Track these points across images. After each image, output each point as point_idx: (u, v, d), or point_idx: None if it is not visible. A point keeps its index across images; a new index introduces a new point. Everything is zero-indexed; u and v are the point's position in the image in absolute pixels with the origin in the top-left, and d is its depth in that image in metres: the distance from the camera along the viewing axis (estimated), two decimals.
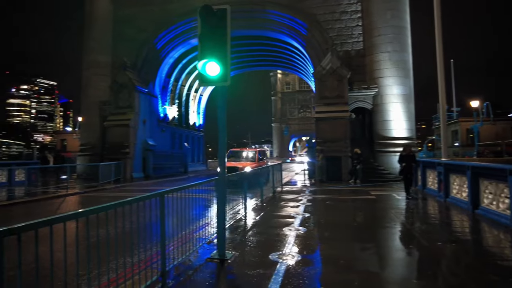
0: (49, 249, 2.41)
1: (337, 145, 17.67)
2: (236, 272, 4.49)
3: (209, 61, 4.45)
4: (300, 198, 11.34)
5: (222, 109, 4.82)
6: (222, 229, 4.95)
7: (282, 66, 34.23)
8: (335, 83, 18.54)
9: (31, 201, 11.86)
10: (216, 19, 4.52)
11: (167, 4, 23.90)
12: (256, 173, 11.35)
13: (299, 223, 7.29)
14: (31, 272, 2.32)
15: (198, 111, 34.91)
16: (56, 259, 2.51)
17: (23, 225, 2.11)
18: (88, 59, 24.79)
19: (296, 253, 5.14)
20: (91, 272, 2.77)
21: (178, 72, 28.58)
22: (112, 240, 3.08)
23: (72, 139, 41.34)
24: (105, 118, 22.94)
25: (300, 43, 22.39)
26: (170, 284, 3.93)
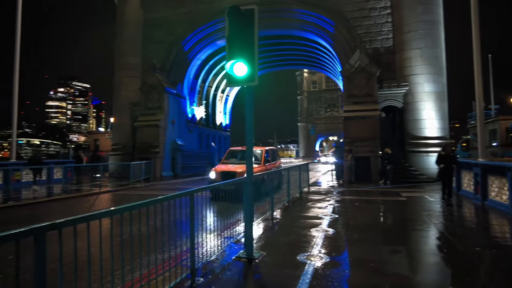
0: (84, 244, 2.51)
1: (366, 145, 17.25)
2: (264, 272, 4.48)
3: (237, 62, 4.48)
4: (327, 199, 11.18)
5: (250, 109, 4.84)
6: (249, 228, 4.97)
7: (308, 65, 33.90)
8: (363, 81, 18.11)
9: (67, 198, 12.47)
10: (244, 20, 4.54)
11: (196, 6, 24.32)
12: (262, 179, 9.75)
13: (327, 224, 7.18)
14: (69, 266, 2.43)
15: (225, 111, 35.29)
16: (91, 254, 2.62)
17: (63, 220, 2.22)
18: (120, 62, 25.73)
19: (324, 255, 5.06)
20: (124, 267, 2.87)
21: (205, 73, 29.04)
22: (144, 237, 3.17)
23: (104, 139, 43.09)
24: (136, 118, 23.72)
25: (327, 41, 22.06)
26: (199, 282, 3.99)
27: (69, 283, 2.46)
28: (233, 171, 11.09)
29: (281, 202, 9.26)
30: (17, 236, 1.92)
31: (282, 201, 9.44)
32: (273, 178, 9.69)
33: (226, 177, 9.37)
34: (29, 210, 10.09)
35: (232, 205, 5.67)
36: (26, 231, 1.97)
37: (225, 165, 12.42)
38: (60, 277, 2.24)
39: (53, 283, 2.20)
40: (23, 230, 1.95)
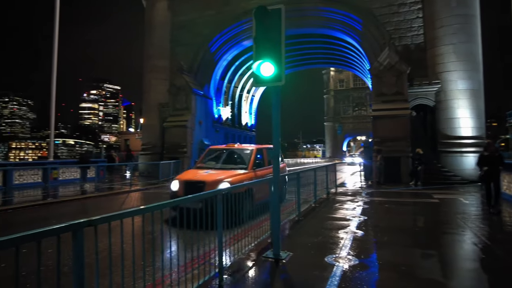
0: (117, 240, 2.61)
1: (396, 145, 16.72)
2: (291, 272, 4.46)
3: (264, 62, 4.48)
4: (356, 200, 10.95)
5: (276, 108, 4.83)
6: (276, 228, 4.96)
7: (335, 63, 33.40)
8: (393, 79, 17.58)
9: (100, 196, 13.00)
10: (271, 19, 4.54)
11: (222, 8, 24.59)
12: (247, 193, 6.79)
13: (356, 226, 7.03)
14: (103, 260, 2.53)
15: (250, 112, 35.46)
16: (123, 250, 2.71)
17: (98, 217, 2.32)
18: (148, 64, 26.49)
19: (353, 257, 4.96)
20: (154, 263, 2.95)
21: (231, 74, 29.32)
22: (176, 235, 3.24)
23: (134, 139, 44.52)
24: (164, 119, 24.36)
25: (354, 39, 21.63)
26: (227, 280, 4.03)
27: (104, 277, 2.56)
28: (202, 181, 7.57)
29: (307, 203, 9.18)
30: (57, 231, 2.03)
31: (308, 202, 9.35)
32: (264, 189, 6.58)
33: (191, 189, 6.68)
34: (65, 207, 10.60)
35: (260, 205, 5.67)
36: (66, 226, 2.08)
37: (194, 171, 8.89)
38: (96, 271, 2.34)
39: (89, 276, 2.30)
40: (63, 226, 2.06)
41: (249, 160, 8.87)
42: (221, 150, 9.98)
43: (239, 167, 8.65)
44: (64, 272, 2.58)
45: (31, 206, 10.54)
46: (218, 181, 7.42)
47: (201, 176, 8.00)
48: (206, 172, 8.33)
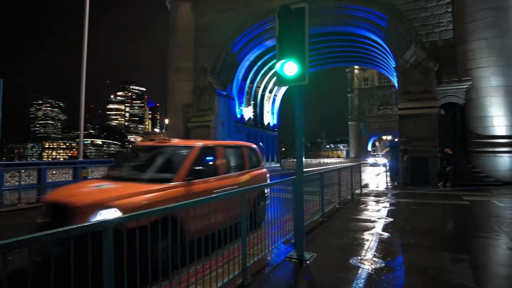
0: None
1: (424, 145, 16.18)
2: (315, 274, 4.41)
3: (287, 61, 4.46)
4: (381, 201, 10.69)
5: (300, 108, 4.80)
6: (300, 229, 4.93)
7: (359, 61, 32.80)
8: (420, 77, 17.02)
9: None
10: (294, 19, 4.51)
11: (244, 8, 24.72)
12: (159, 224, 2.82)
13: (382, 228, 6.86)
14: None
15: (272, 111, 35.43)
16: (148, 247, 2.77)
17: (127, 216, 2.40)
18: (173, 66, 27.05)
19: (379, 259, 4.85)
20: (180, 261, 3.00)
21: (254, 74, 29.42)
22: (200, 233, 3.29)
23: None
24: (189, 120, 24.81)
25: (379, 36, 21.13)
26: (250, 280, 4.04)
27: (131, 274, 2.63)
28: (67, 204, 4.27)
29: (331, 204, 9.05)
30: (88, 228, 2.12)
31: (332, 203, 9.22)
32: (219, 211, 4.06)
33: (58, 217, 4.26)
34: None
35: (282, 205, 5.64)
36: (96, 224, 2.16)
37: (83, 185, 5.85)
38: (125, 266, 2.42)
39: None
40: (93, 223, 2.15)
41: (181, 166, 5.19)
42: (146, 149, 6.66)
43: (161, 177, 5.02)
44: None
45: None
46: (97, 205, 4.11)
47: (73, 195, 4.61)
48: (99, 186, 4.91)
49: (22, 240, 1.74)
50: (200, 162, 5.46)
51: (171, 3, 27.84)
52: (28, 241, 1.76)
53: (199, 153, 5.61)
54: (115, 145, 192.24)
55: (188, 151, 5.61)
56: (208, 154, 5.95)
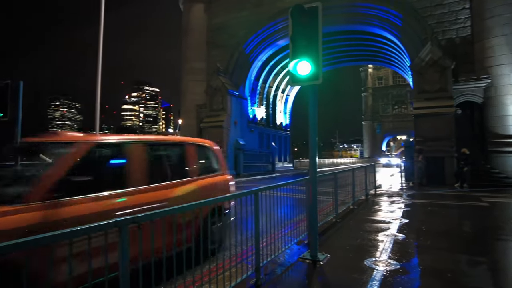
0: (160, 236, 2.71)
1: (440, 144, 15.84)
2: (329, 275, 4.38)
3: (301, 61, 4.44)
4: (396, 202, 10.53)
5: (313, 108, 4.77)
6: (314, 229, 4.90)
7: (373, 60, 32.40)
8: (436, 76, 16.68)
9: None
10: (308, 18, 4.48)
11: (257, 8, 24.75)
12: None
13: (397, 229, 6.75)
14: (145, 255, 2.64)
15: (285, 111, 35.34)
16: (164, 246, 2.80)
17: (142, 215, 2.43)
18: (186, 66, 27.29)
19: (394, 261, 4.77)
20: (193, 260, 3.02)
21: (266, 74, 29.41)
22: None
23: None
24: (202, 120, 25.01)
25: (394, 34, 20.81)
26: (263, 280, 4.04)
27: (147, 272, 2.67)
28: None
29: (345, 205, 8.96)
30: (105, 227, 2.16)
31: (346, 203, 9.13)
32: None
33: None
34: None
35: (295, 205, 5.63)
36: (112, 223, 2.20)
37: None
38: (140, 265, 2.45)
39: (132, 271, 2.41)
40: (109, 222, 2.19)
41: (45, 175, 3.39)
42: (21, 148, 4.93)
43: (7, 194, 3.20)
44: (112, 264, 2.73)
45: None
46: None
47: None
48: None
49: (48, 237, 1.81)
50: (91, 168, 3.71)
51: (184, 4, 28.10)
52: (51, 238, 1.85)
53: (85, 154, 3.61)
54: None
55: (67, 151, 3.58)
56: (107, 156, 4.12)
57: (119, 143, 4.18)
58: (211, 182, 5.25)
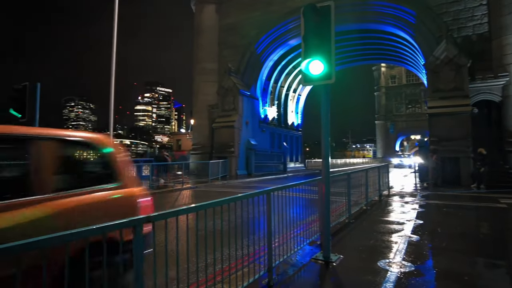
0: (172, 236, 2.74)
1: (455, 144, 15.51)
2: (342, 276, 4.34)
3: (313, 60, 4.41)
4: (410, 203, 10.36)
5: (326, 107, 4.73)
6: (326, 230, 4.86)
7: (386, 59, 31.98)
8: (451, 74, 16.34)
9: (154, 193, 13.73)
10: (320, 17, 4.45)
11: (268, 8, 24.73)
12: None
13: (411, 230, 6.64)
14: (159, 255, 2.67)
15: (297, 111, 35.19)
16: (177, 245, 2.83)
17: (156, 214, 2.45)
18: (198, 67, 27.47)
19: (409, 263, 4.69)
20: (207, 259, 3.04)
21: (277, 74, 29.35)
22: (225, 232, 3.32)
23: (186, 139, 46.42)
24: (213, 120, 25.13)
25: (407, 32, 20.49)
26: (276, 280, 4.03)
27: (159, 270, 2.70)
28: None
29: (358, 205, 8.87)
30: (120, 226, 2.19)
31: (359, 204, 9.03)
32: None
33: None
34: None
35: (307, 206, 5.60)
36: (127, 222, 2.22)
37: None
38: (154, 264, 2.48)
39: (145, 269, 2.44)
40: (125, 221, 2.21)
41: None
42: None
43: None
44: None
45: None
46: None
47: None
48: None
49: (67, 235, 1.83)
50: None
51: (196, 5, 28.29)
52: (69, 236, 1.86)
53: None
54: (142, 145, 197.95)
55: None
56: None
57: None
58: (91, 201, 3.11)
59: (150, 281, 2.42)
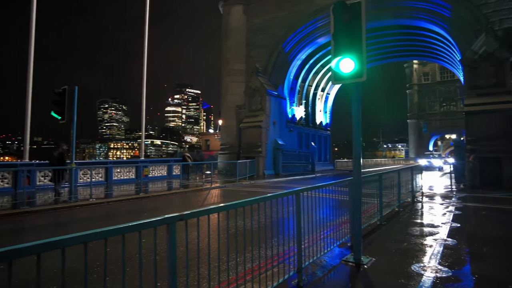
0: (202, 234, 2.78)
1: (496, 144, 14.64)
2: (374, 279, 4.22)
3: (343, 58, 4.33)
4: (446, 205, 9.91)
5: (357, 106, 4.63)
6: (357, 232, 4.76)
7: (419, 55, 30.84)
8: (491, 69, 15.44)
9: (185, 192, 14.05)
10: (350, 14, 4.36)
11: (295, 7, 24.59)
12: None
13: (447, 234, 6.35)
14: (190, 252, 2.73)
15: (325, 110, 34.68)
16: (207, 243, 2.87)
17: (189, 213, 2.51)
18: (226, 68, 27.79)
19: (445, 267, 4.48)
20: (237, 258, 3.07)
21: (305, 73, 29.07)
22: (255, 232, 3.34)
23: (214, 139, 47.18)
24: (241, 120, 25.33)
25: (441, 27, 19.61)
26: (305, 282, 4.00)
27: (191, 268, 2.76)
28: None
29: (390, 207, 8.60)
30: (155, 224, 2.26)
31: (391, 205, 8.75)
32: None
33: None
34: (155, 202, 11.71)
35: (337, 207, 5.50)
36: (161, 220, 2.29)
37: None
38: (186, 262, 2.54)
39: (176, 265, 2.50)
40: (159, 219, 2.29)
41: None
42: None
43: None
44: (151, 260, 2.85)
45: (127, 199, 11.90)
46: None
47: None
48: None
49: (110, 231, 1.94)
50: None
51: (224, 6, 28.62)
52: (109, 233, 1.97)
53: None
54: (172, 145, 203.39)
55: None
56: None
57: None
58: None
59: (182, 277, 2.48)
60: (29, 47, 16.01)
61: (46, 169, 14.55)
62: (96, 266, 4.29)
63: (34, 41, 16.16)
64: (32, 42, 16.09)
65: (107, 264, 2.03)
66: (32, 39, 16.08)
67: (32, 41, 16.07)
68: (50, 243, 1.66)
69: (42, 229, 7.93)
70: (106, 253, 2.03)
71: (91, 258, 1.90)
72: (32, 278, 1.86)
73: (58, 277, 2.00)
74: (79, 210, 10.02)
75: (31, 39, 16.07)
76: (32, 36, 16.09)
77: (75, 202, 10.71)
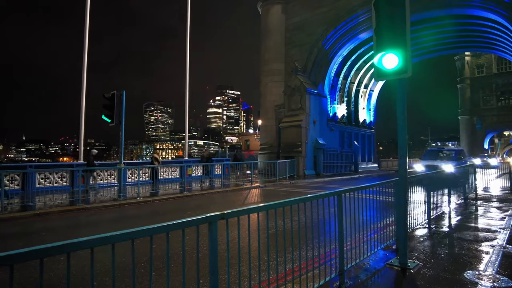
0: (243, 233, 2.82)
1: None
2: (421, 285, 4.00)
3: (387, 53, 4.15)
4: (504, 208, 9.12)
5: (402, 103, 4.41)
6: (403, 235, 4.54)
7: (473, 46, 28.74)
8: None
9: (226, 191, 14.32)
10: (393, 7, 4.17)
11: (335, 3, 24.09)
12: None
13: (506, 240, 5.84)
14: (232, 250, 2.77)
15: (368, 108, 33.50)
16: (247, 242, 2.90)
17: (230, 212, 2.56)
18: (265, 68, 27.88)
19: (504, 277, 4.12)
20: (277, 258, 3.07)
21: (347, 70, 28.29)
22: (295, 232, 3.31)
23: (253, 139, 47.60)
24: (280, 120, 25.26)
25: (499, 13, 18.08)
26: (348, 284, 3.89)
27: (232, 266, 2.80)
28: None
29: (439, 209, 8.10)
30: (197, 222, 2.34)
31: (440, 207, 8.24)
32: None
33: None
34: (197, 200, 12.07)
35: (382, 209, 5.30)
36: (203, 218, 2.37)
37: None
38: (227, 260, 2.58)
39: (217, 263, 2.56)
40: (202, 217, 2.36)
41: None
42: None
43: None
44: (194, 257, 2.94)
45: (172, 198, 12.39)
46: None
47: None
48: None
49: (156, 228, 2.05)
50: None
51: (262, 7, 28.74)
52: (153, 230, 2.07)
53: None
54: (214, 146, 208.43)
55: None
56: None
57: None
58: None
59: (223, 275, 2.53)
60: (83, 56, 17.32)
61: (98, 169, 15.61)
62: (143, 262, 4.51)
63: (87, 52, 17.45)
64: (86, 52, 17.36)
65: (152, 260, 2.13)
66: (85, 50, 17.36)
67: (85, 51, 17.34)
68: (101, 239, 1.81)
69: (95, 226, 8.51)
70: (152, 249, 2.14)
71: (138, 254, 2.01)
72: (88, 271, 2.03)
73: (109, 271, 2.14)
74: (128, 208, 10.61)
75: (85, 50, 17.36)
76: (85, 48, 17.36)
77: (124, 200, 11.36)
